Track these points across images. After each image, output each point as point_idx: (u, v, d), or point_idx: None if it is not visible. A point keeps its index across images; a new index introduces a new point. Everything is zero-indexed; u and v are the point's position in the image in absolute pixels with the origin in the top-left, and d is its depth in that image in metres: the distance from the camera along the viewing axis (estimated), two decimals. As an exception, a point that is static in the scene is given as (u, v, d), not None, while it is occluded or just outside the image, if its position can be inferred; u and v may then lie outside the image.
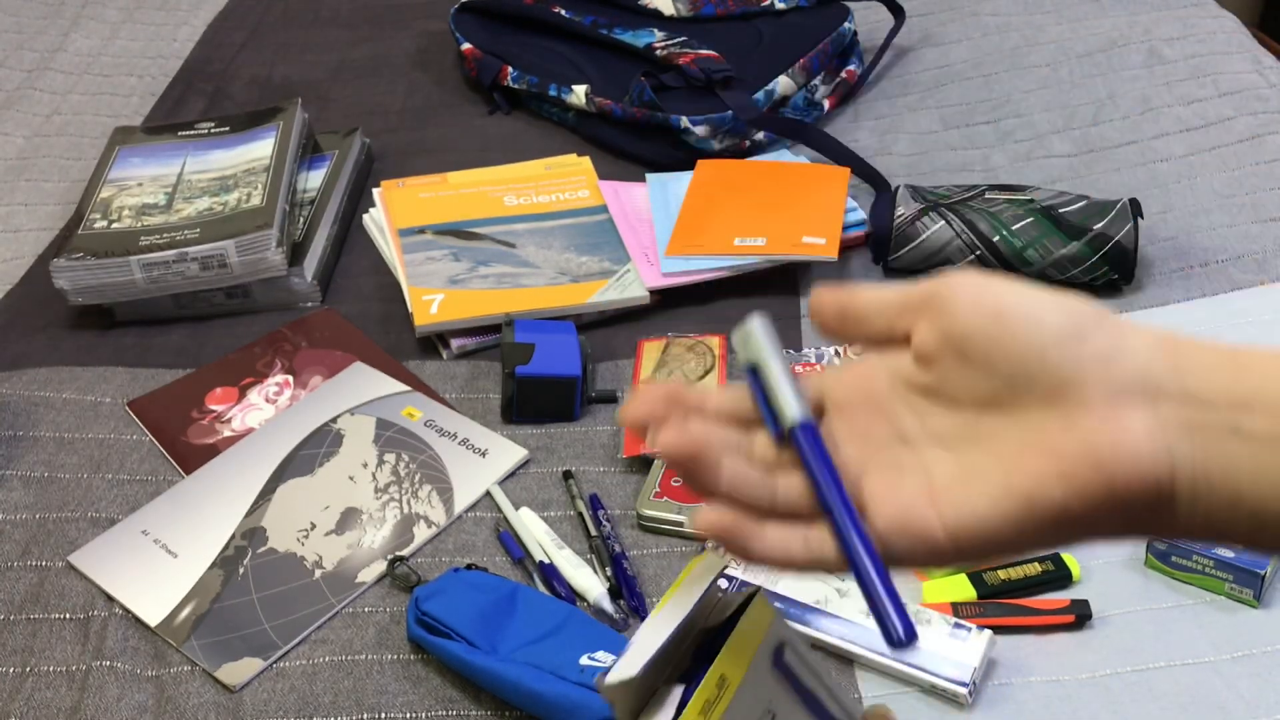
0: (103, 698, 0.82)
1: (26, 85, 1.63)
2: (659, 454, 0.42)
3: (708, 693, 0.43)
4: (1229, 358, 0.39)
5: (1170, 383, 0.38)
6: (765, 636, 0.45)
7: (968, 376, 0.40)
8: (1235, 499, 0.38)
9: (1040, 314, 0.39)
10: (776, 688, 0.45)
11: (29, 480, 1.00)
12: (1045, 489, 0.38)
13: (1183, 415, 0.38)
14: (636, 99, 1.35)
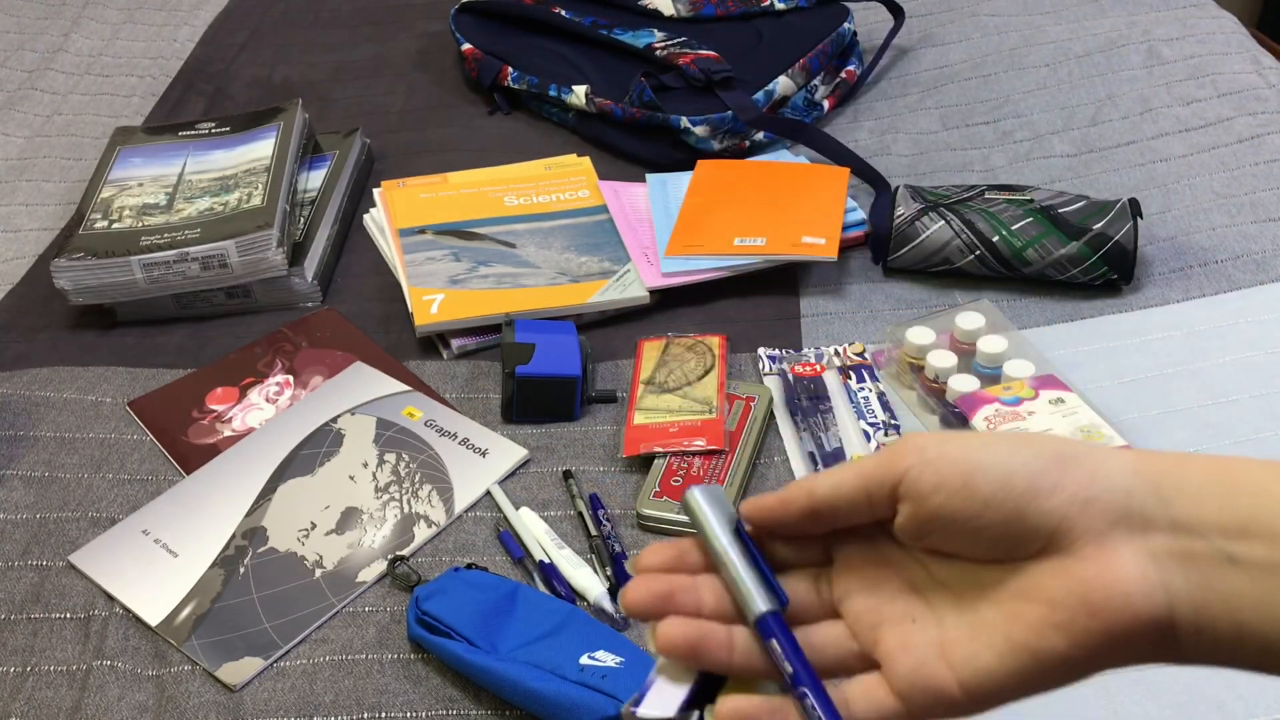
0: (103, 697, 0.82)
1: (27, 85, 1.63)
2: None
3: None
4: (1218, 477, 0.37)
5: (1157, 513, 0.37)
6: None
7: (958, 545, 0.40)
8: (1238, 628, 0.37)
9: (1007, 473, 0.38)
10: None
11: (29, 480, 1.00)
12: (1046, 640, 0.38)
13: (1174, 547, 0.37)
14: (636, 99, 1.35)
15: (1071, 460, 0.38)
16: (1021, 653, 0.39)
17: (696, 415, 1.01)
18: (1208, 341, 1.06)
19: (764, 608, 0.42)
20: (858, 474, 0.40)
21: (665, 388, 1.04)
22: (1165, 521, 0.37)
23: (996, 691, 0.40)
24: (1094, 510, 0.37)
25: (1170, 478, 0.38)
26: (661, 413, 1.02)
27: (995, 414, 0.95)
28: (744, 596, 0.43)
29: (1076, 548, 0.37)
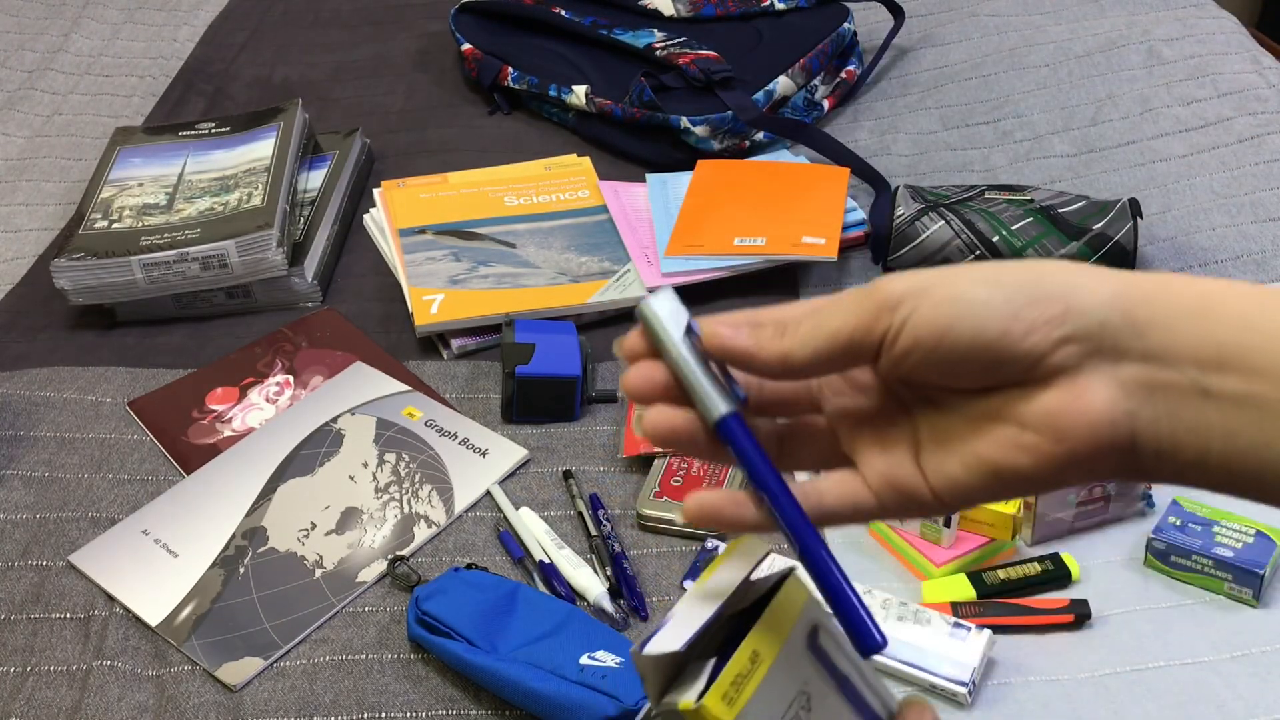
0: (103, 697, 0.82)
1: (27, 85, 1.63)
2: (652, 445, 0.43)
3: (740, 666, 0.42)
4: (1198, 306, 0.38)
5: (1131, 343, 0.38)
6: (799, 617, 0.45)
7: (935, 383, 0.41)
8: (1204, 455, 0.38)
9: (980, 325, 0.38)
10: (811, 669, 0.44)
11: (29, 480, 1.00)
12: (1011, 459, 0.39)
13: (1145, 376, 0.38)
14: (636, 99, 1.35)
15: (1046, 299, 0.38)
16: (988, 469, 0.40)
17: (696, 415, 1.01)
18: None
19: (723, 409, 0.42)
20: (832, 339, 0.40)
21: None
22: (1139, 351, 0.38)
23: (964, 497, 0.41)
24: (1067, 346, 0.38)
25: (1149, 306, 0.38)
26: (661, 413, 1.02)
27: (995, 414, 0.95)
28: (702, 402, 0.42)
29: (1048, 379, 0.38)
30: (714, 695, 0.42)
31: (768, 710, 0.42)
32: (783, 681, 0.43)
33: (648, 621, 0.86)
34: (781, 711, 0.43)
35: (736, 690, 0.42)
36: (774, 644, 0.43)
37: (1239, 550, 0.84)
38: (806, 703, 0.44)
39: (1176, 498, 0.89)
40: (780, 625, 0.44)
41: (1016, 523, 0.87)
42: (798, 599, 0.45)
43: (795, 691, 0.43)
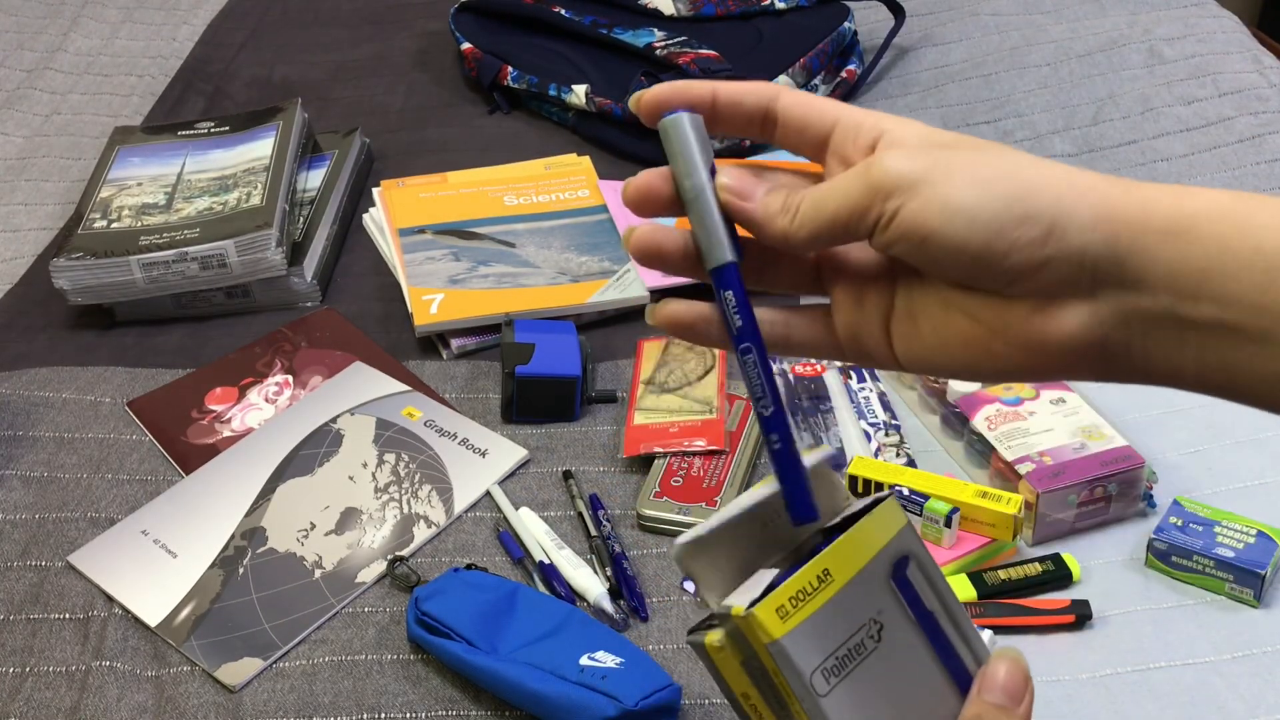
0: (103, 698, 0.82)
1: (26, 85, 1.63)
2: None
3: (804, 582, 0.40)
4: (1177, 225, 0.38)
5: (1109, 269, 0.38)
6: (889, 543, 0.42)
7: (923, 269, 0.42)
8: (1177, 370, 0.39)
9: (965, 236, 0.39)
10: (889, 600, 0.42)
11: (29, 480, 1.00)
12: (978, 358, 0.41)
13: (1120, 305, 0.39)
14: (636, 99, 1.35)
15: (1031, 219, 0.39)
16: (955, 358, 0.41)
17: (697, 415, 1.01)
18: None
19: (729, 257, 0.42)
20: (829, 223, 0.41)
21: (665, 388, 1.04)
22: (1115, 277, 0.39)
23: (927, 369, 0.43)
24: (1045, 272, 0.39)
25: (1130, 231, 0.38)
26: (662, 413, 1.02)
27: (996, 414, 0.94)
28: (710, 241, 0.42)
29: (1025, 296, 0.39)
30: (767, 606, 0.40)
31: (829, 632, 0.40)
32: (852, 605, 0.41)
33: (648, 622, 0.86)
34: (845, 636, 0.41)
35: (795, 605, 0.40)
36: (851, 565, 0.41)
37: (1240, 550, 0.84)
38: (877, 633, 0.42)
39: (1178, 498, 0.89)
40: (863, 548, 0.42)
41: (1017, 523, 0.87)
42: (891, 524, 0.43)
43: (866, 618, 0.41)
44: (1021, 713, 0.43)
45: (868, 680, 0.41)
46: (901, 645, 0.42)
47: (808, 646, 0.40)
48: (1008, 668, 0.43)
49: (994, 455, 0.92)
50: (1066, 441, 0.91)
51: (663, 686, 0.76)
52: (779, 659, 0.40)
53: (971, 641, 0.44)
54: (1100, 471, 0.88)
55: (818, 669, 0.40)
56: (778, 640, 0.40)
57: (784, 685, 0.40)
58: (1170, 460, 0.95)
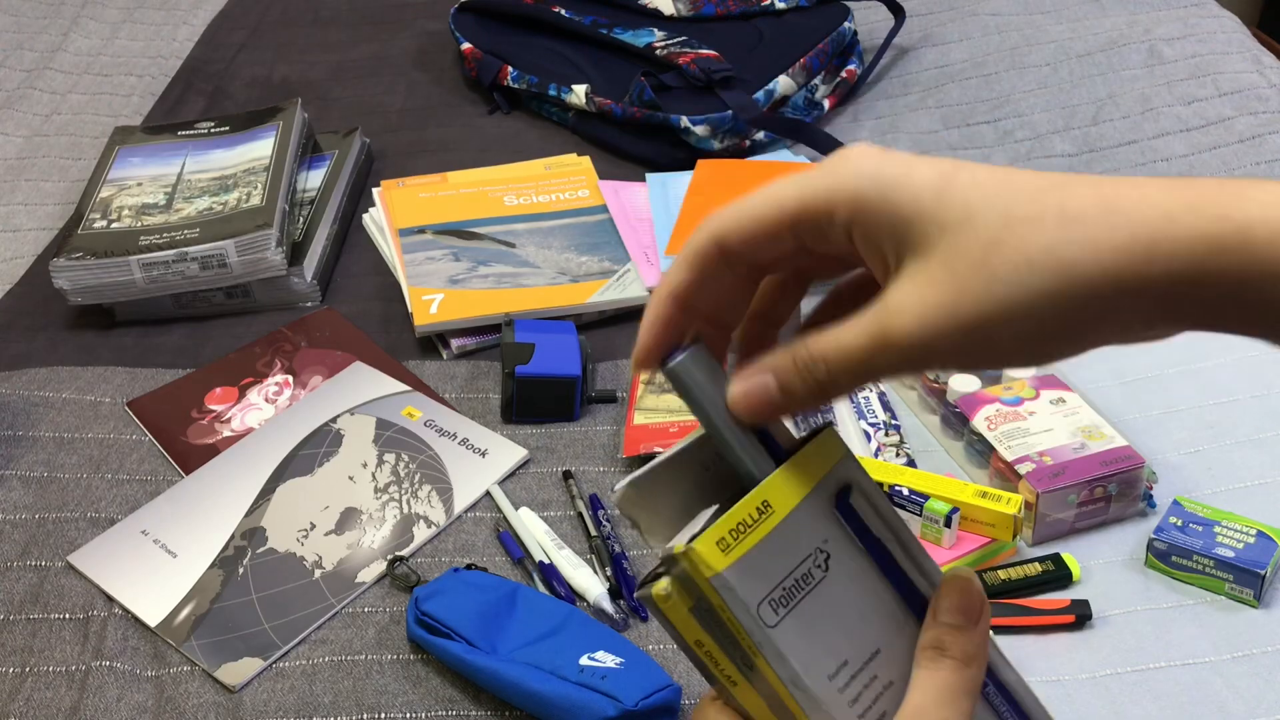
0: (102, 698, 0.82)
1: (26, 85, 1.63)
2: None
3: (743, 514, 0.39)
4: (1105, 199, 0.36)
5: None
6: (829, 472, 0.42)
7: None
8: None
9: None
10: (835, 529, 0.41)
11: (29, 480, 1.00)
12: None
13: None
14: (636, 99, 1.35)
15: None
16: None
17: (696, 415, 1.01)
18: (1208, 341, 1.06)
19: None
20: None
21: (665, 388, 1.04)
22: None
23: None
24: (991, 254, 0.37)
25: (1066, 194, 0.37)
26: (661, 413, 1.02)
27: (996, 414, 0.94)
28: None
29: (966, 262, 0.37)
30: (707, 539, 0.39)
31: (772, 564, 0.40)
32: (795, 536, 0.40)
33: (647, 622, 0.86)
34: (790, 567, 0.40)
35: (735, 538, 0.39)
36: (791, 496, 0.41)
37: (1240, 550, 0.84)
38: (824, 562, 0.41)
39: (1178, 498, 0.89)
40: (802, 478, 0.41)
41: (1017, 523, 0.87)
42: (831, 454, 0.42)
43: (811, 548, 0.41)
44: (980, 631, 0.42)
45: (818, 610, 0.40)
46: (851, 574, 0.41)
47: (751, 578, 0.39)
48: (959, 586, 0.42)
49: (994, 455, 0.92)
50: (1066, 441, 0.91)
51: (663, 686, 0.76)
52: (723, 593, 0.39)
53: (925, 567, 0.44)
54: (1100, 471, 0.88)
55: (764, 600, 0.40)
56: (720, 573, 0.39)
57: (731, 620, 0.40)
58: (1170, 460, 0.95)
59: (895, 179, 0.37)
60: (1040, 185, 0.36)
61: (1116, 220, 0.35)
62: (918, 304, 0.37)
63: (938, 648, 0.41)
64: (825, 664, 0.40)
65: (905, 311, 0.37)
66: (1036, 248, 0.35)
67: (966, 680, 0.41)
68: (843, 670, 0.41)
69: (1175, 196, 0.35)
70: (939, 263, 0.37)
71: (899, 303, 0.37)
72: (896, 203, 0.37)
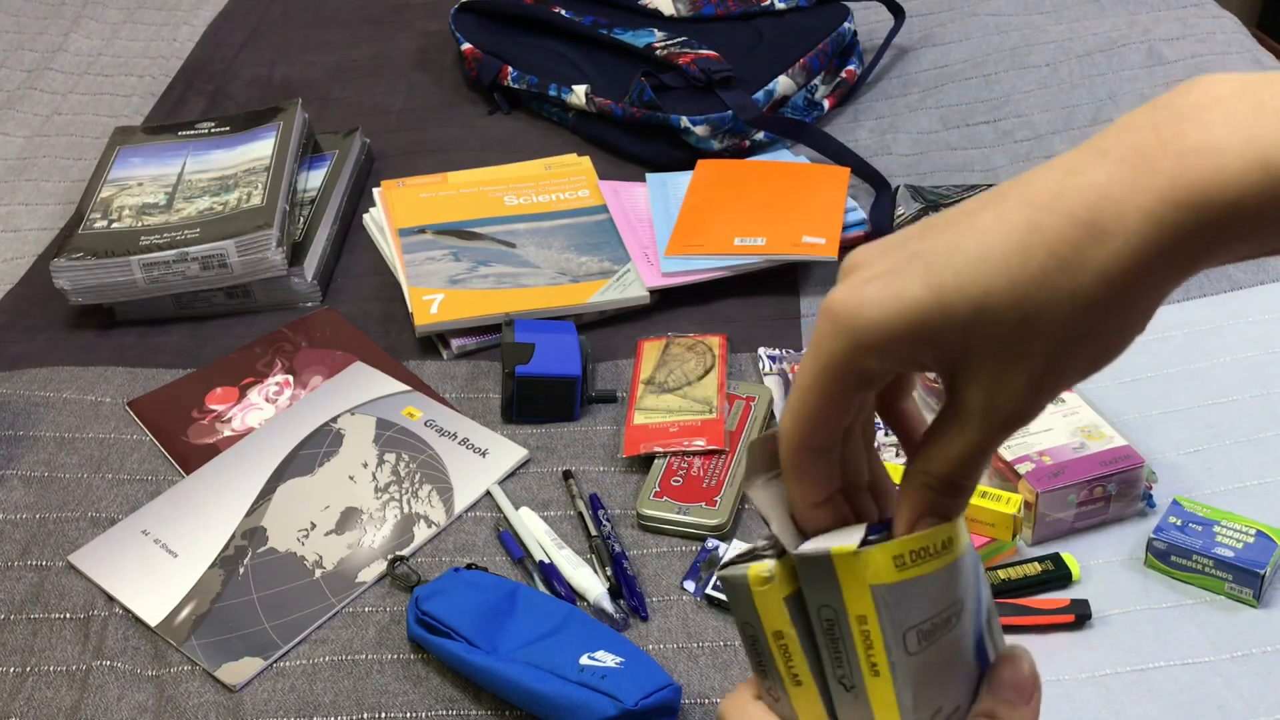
0: (103, 697, 0.82)
1: (27, 85, 1.63)
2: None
3: (928, 542, 0.40)
4: None
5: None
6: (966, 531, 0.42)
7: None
8: None
9: None
10: (971, 588, 0.42)
11: (29, 480, 1.00)
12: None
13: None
14: (636, 99, 1.35)
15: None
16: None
17: (697, 415, 1.01)
18: (1208, 341, 1.06)
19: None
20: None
21: (665, 388, 1.04)
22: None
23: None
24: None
25: None
26: (661, 413, 1.02)
27: (996, 414, 0.94)
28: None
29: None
30: (885, 550, 0.39)
31: (933, 597, 0.40)
32: (953, 580, 0.41)
33: (648, 621, 0.86)
34: (942, 607, 0.41)
35: (913, 561, 0.40)
36: (961, 545, 0.41)
37: (1239, 550, 0.84)
38: (958, 614, 0.41)
39: (1177, 498, 0.89)
40: (965, 533, 0.42)
41: (1017, 523, 0.87)
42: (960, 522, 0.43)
43: (957, 597, 0.41)
44: (1032, 708, 0.43)
45: (940, 656, 0.41)
46: (964, 634, 0.42)
47: (913, 601, 0.40)
48: (1015, 665, 0.43)
49: (993, 455, 0.92)
50: (1066, 441, 0.91)
51: (663, 686, 0.76)
52: (881, 604, 0.39)
53: (997, 641, 0.45)
54: (1100, 471, 0.88)
55: (915, 628, 0.40)
56: (888, 585, 0.39)
57: (871, 634, 0.40)
58: (1170, 460, 0.95)
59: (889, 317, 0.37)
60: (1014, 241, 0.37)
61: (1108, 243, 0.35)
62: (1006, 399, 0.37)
63: (991, 717, 0.43)
64: (931, 705, 0.42)
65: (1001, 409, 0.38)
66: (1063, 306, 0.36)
67: None
68: (938, 715, 0.42)
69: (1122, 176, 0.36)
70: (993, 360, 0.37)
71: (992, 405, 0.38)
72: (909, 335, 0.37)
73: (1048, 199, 0.37)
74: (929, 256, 0.37)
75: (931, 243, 0.38)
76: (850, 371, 0.38)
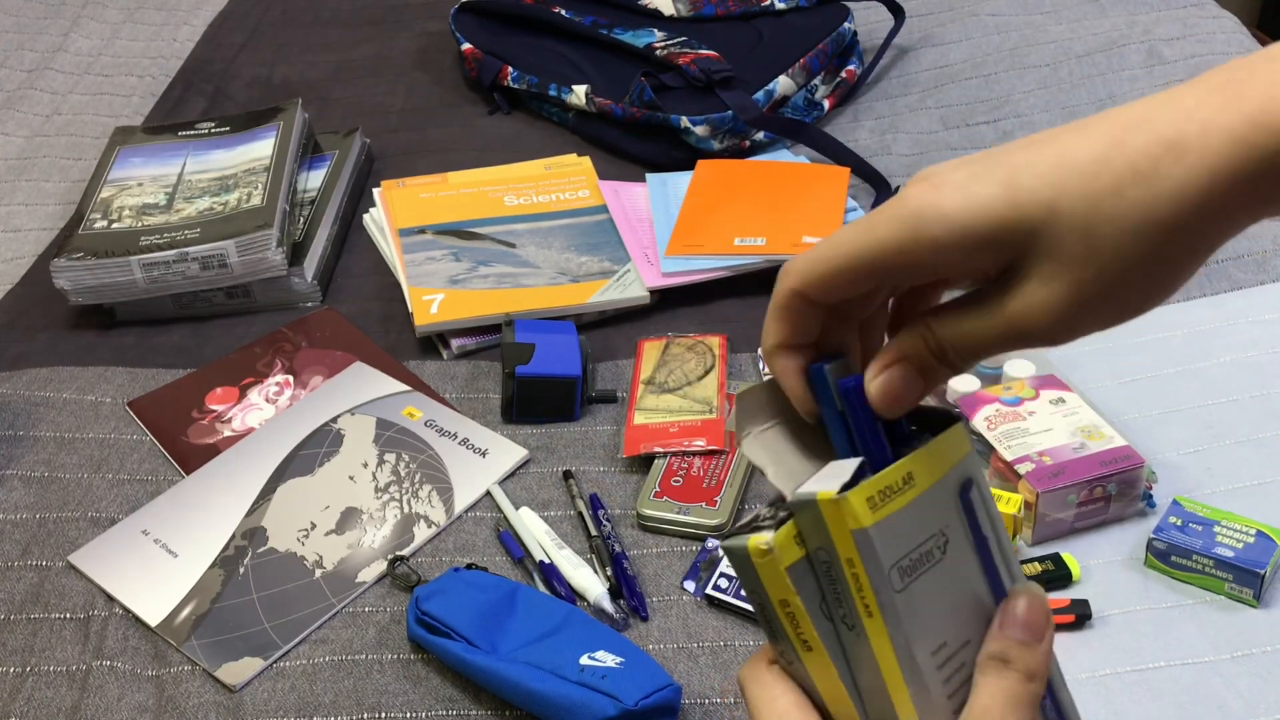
0: (103, 698, 0.82)
1: (27, 85, 1.63)
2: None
3: (891, 480, 0.41)
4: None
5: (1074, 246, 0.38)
6: (958, 463, 0.43)
7: None
8: None
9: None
10: (955, 516, 0.43)
11: (29, 480, 1.00)
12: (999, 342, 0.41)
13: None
14: (636, 99, 1.35)
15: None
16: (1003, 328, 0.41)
17: (697, 415, 1.01)
18: (1208, 341, 1.06)
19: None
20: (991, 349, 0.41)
21: (665, 388, 1.04)
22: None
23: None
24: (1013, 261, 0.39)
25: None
26: (661, 413, 1.02)
27: (995, 414, 0.94)
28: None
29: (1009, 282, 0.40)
30: (859, 493, 0.40)
31: (907, 533, 0.41)
32: (928, 513, 0.42)
33: (648, 621, 0.86)
34: (919, 541, 0.42)
35: (883, 500, 0.41)
36: (930, 475, 0.42)
37: (1239, 550, 0.84)
38: (943, 545, 0.42)
39: (1177, 498, 0.89)
40: (937, 463, 0.43)
41: (1017, 523, 0.87)
42: (959, 447, 0.44)
43: (936, 529, 0.42)
44: (1044, 648, 0.43)
45: (932, 588, 0.42)
46: (960, 562, 0.43)
47: (891, 540, 0.41)
48: (1028, 602, 0.43)
49: (993, 455, 0.92)
50: (1066, 441, 0.91)
51: (663, 686, 0.76)
52: (863, 548, 0.40)
53: (1012, 568, 0.45)
54: (1100, 471, 0.88)
55: (896, 564, 0.41)
56: (866, 528, 0.40)
57: (859, 576, 0.41)
58: (1170, 460, 0.95)
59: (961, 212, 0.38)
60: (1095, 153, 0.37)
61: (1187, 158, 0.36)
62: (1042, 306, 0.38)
63: (1003, 659, 0.42)
64: (930, 639, 0.42)
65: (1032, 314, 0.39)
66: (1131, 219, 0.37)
67: (1029, 693, 0.42)
68: (941, 650, 0.42)
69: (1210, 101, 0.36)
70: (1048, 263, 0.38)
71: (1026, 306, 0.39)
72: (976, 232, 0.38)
73: (1136, 120, 0.38)
74: (1008, 164, 0.38)
75: (1012, 156, 0.39)
76: (898, 260, 0.40)
